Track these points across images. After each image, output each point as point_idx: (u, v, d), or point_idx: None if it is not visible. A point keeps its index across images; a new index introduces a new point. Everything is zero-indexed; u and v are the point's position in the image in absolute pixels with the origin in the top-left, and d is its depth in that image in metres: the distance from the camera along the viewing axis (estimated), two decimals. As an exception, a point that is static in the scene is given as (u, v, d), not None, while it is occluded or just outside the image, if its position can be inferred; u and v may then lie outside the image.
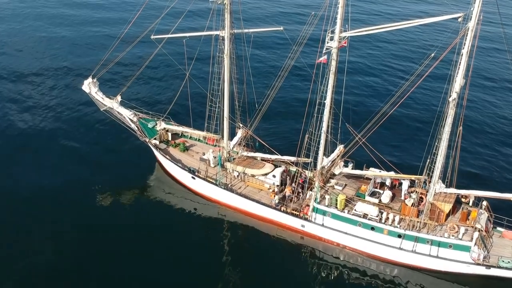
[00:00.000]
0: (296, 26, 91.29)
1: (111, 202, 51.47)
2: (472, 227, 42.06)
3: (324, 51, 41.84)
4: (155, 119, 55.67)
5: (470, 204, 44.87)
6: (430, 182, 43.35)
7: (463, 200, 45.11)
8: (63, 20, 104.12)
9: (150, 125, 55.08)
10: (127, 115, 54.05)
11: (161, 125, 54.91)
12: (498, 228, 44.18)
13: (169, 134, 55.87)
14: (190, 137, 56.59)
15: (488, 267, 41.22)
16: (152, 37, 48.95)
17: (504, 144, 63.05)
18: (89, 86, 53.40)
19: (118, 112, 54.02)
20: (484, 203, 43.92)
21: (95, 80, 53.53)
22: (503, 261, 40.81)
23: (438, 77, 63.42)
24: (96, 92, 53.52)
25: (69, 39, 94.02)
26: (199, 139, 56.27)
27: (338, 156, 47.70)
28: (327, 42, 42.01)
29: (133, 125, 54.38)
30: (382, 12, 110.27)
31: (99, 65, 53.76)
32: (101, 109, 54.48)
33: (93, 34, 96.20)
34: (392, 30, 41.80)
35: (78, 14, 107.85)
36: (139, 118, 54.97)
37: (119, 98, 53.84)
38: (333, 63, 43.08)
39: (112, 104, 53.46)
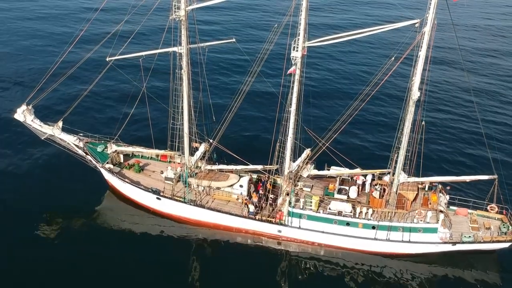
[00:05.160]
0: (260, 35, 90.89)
1: (61, 236, 47.76)
2: (436, 210, 46.55)
3: (293, 62, 43.25)
4: (103, 142, 52.65)
5: (426, 189, 49.44)
6: (394, 174, 47.03)
7: (419, 186, 49.51)
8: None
9: (99, 149, 51.96)
10: (71, 141, 50.56)
11: (112, 148, 52.07)
12: (451, 207, 49.33)
13: (121, 156, 53.19)
14: (142, 156, 54.47)
15: (454, 243, 46.03)
16: (107, 59, 46.06)
17: (457, 134, 67.77)
18: (24, 114, 48.89)
19: (61, 139, 50.32)
20: (439, 186, 48.75)
21: (30, 107, 49.16)
22: (465, 236, 45.88)
23: (398, 79, 68.40)
24: (32, 120, 49.16)
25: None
26: (151, 157, 54.43)
27: (305, 159, 49.46)
28: (292, 53, 43.41)
29: (80, 151, 51.00)
30: (340, 27, 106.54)
31: (35, 91, 49.41)
32: (42, 138, 50.28)
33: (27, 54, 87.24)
34: (352, 39, 44.25)
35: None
36: (86, 143, 51.67)
37: (60, 124, 50.02)
38: (298, 71, 44.67)
39: (53, 131, 49.57)
